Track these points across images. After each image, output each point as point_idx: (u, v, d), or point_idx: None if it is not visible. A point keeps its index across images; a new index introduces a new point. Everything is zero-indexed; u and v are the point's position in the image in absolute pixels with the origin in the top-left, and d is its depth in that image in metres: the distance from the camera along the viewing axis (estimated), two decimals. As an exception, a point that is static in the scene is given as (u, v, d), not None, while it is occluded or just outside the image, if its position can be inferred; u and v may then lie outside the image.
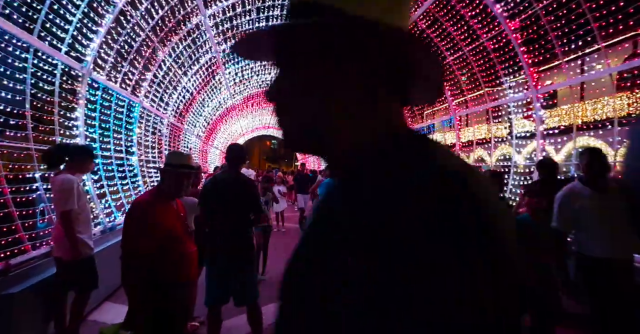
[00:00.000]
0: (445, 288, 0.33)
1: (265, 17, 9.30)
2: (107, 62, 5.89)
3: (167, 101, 9.70)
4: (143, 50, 6.86)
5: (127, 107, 7.35)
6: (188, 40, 8.34)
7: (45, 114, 4.58)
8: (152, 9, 6.17)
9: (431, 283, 0.34)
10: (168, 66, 8.59)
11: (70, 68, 4.98)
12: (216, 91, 13.33)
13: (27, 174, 4.10)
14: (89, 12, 4.81)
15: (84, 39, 5.02)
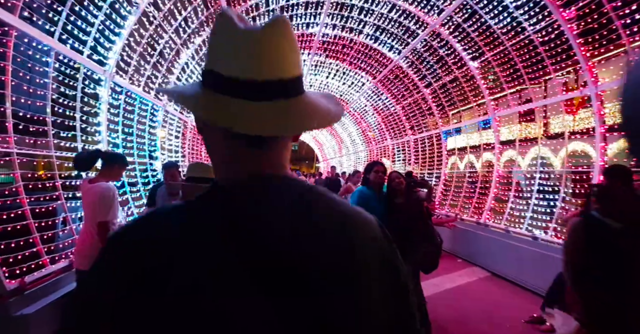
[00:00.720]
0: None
1: (288, 16, 8.98)
2: (130, 65, 5.69)
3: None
4: (166, 52, 6.65)
5: (151, 111, 7.18)
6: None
7: (67, 120, 4.38)
8: (175, 9, 5.94)
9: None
10: (191, 69, 8.40)
11: (92, 72, 4.79)
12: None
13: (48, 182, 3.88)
14: (111, 14, 4.60)
15: (106, 42, 4.82)
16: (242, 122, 0.59)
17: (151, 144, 7.42)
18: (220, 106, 0.61)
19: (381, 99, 13.56)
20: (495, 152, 8.00)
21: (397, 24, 8.67)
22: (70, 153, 4.39)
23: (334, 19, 9.35)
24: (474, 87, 8.22)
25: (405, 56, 9.87)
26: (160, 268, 0.54)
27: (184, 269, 0.54)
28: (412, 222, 4.18)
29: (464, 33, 7.36)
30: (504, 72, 7.07)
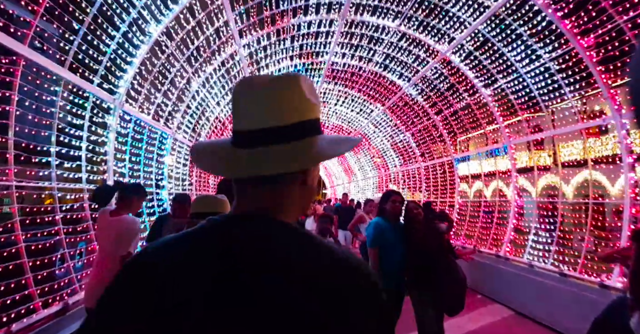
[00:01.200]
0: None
1: (299, 45, 9.06)
2: (140, 94, 5.64)
3: (199, 131, 9.48)
4: (177, 80, 6.63)
5: (159, 139, 7.09)
6: (222, 70, 8.14)
7: (72, 150, 4.24)
8: (188, 39, 5.96)
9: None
10: (202, 96, 8.40)
11: (101, 100, 4.71)
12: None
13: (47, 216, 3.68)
14: (123, 43, 4.57)
15: (118, 70, 4.77)
16: (215, 167, 0.78)
17: (158, 172, 7.28)
18: (214, 154, 0.78)
19: (390, 126, 13.48)
20: (512, 181, 7.71)
21: (407, 52, 8.68)
22: (73, 184, 4.22)
23: (344, 47, 9.40)
24: (487, 115, 8.06)
25: (414, 83, 9.83)
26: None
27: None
28: (433, 258, 3.89)
29: (475, 61, 7.28)
30: (519, 99, 6.92)
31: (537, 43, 5.75)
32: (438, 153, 11.38)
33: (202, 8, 5.58)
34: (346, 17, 7.59)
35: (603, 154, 14.75)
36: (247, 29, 7.04)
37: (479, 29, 6.48)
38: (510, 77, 6.71)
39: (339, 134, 1.79)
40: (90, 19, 3.76)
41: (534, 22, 5.45)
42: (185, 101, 7.51)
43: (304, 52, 9.51)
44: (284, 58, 9.65)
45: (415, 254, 3.89)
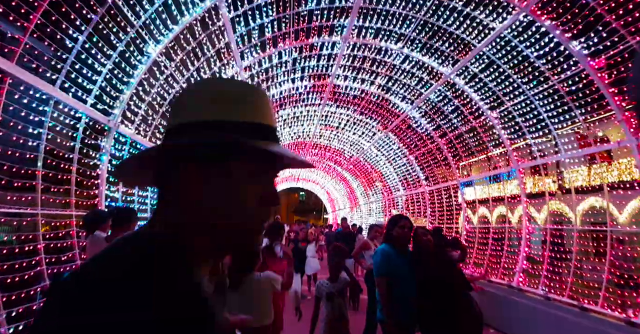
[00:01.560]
0: None
1: (300, 68, 9.03)
2: (137, 115, 5.47)
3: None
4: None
5: (156, 162, 6.87)
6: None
7: (61, 173, 4.01)
8: (188, 60, 5.86)
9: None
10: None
11: (95, 121, 4.52)
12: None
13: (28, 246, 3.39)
14: (120, 63, 4.44)
15: (113, 91, 4.61)
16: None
17: (155, 197, 7.01)
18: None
19: (393, 149, 13.31)
20: (522, 207, 7.40)
21: (410, 74, 8.61)
22: (60, 210, 3.96)
23: (346, 70, 9.37)
24: (493, 138, 7.88)
25: (418, 106, 9.72)
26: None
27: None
28: (447, 292, 3.56)
29: (480, 83, 7.17)
30: (526, 122, 6.74)
31: (544, 65, 5.63)
32: (443, 177, 11.14)
33: (203, 29, 5.51)
34: (349, 40, 7.56)
35: (609, 180, 14.48)
36: (248, 50, 6.98)
37: (483, 51, 6.39)
38: (517, 99, 6.56)
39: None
40: (85, 37, 3.63)
41: (541, 44, 5.34)
42: (184, 123, 7.35)
43: (306, 74, 9.47)
44: (286, 81, 9.60)
45: (426, 288, 3.57)
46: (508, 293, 7.01)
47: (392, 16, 6.68)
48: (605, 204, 8.30)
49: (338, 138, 15.52)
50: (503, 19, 5.49)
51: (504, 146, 7.55)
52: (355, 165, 17.66)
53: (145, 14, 4.27)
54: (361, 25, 7.03)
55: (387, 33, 7.22)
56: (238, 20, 5.96)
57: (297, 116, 12.73)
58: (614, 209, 13.81)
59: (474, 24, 6.03)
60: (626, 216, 12.13)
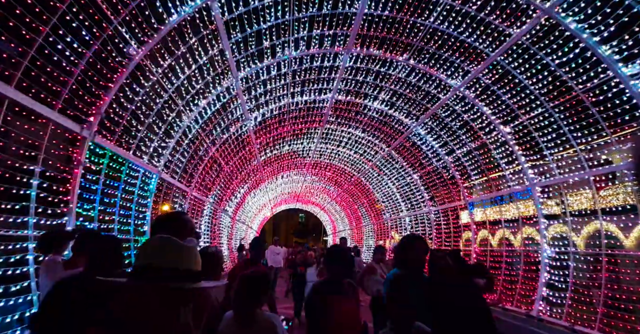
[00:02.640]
0: None
1: (300, 81, 8.60)
2: (119, 125, 4.93)
3: (191, 172, 8.71)
4: (165, 112, 5.97)
5: (142, 178, 6.28)
6: (217, 105, 7.55)
7: (17, 187, 3.42)
8: (178, 66, 5.39)
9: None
10: (194, 133, 7.74)
11: (67, 130, 3.97)
12: (246, 161, 12.46)
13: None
14: (95, 63, 3.93)
15: (88, 95, 4.08)
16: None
17: (139, 216, 6.38)
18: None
19: (396, 168, 12.76)
20: (540, 228, 6.76)
21: (416, 88, 8.17)
22: (13, 231, 3.34)
23: (348, 84, 8.94)
24: (506, 154, 7.34)
25: (423, 122, 9.25)
26: None
27: None
28: (472, 324, 2.92)
29: (493, 95, 6.70)
30: (544, 136, 6.22)
31: (567, 73, 5.16)
32: (449, 197, 10.52)
33: (194, 32, 5.06)
34: (352, 50, 7.15)
35: (614, 203, 13.75)
36: (244, 60, 6.53)
37: (497, 60, 5.95)
38: (534, 112, 6.06)
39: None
40: (49, 29, 3.13)
41: (564, 50, 4.88)
42: (174, 136, 6.82)
43: (307, 89, 9.04)
44: (285, 95, 9.17)
45: (448, 319, 2.91)
46: (526, 323, 6.28)
47: (399, 24, 6.28)
48: (611, 228, 7.68)
49: (339, 157, 15.01)
50: (522, 23, 5.07)
51: (518, 163, 6.99)
52: (357, 185, 17.07)
53: (125, 8, 3.80)
54: (365, 34, 6.63)
55: (392, 43, 6.81)
56: (233, 25, 5.53)
57: (296, 133, 12.26)
58: (619, 232, 13.13)
59: (488, 31, 5.60)
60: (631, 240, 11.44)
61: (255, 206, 20.87)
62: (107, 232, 5.16)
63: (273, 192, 20.87)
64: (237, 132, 9.91)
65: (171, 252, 1.19)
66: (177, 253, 1.19)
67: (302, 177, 18.91)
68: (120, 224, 5.62)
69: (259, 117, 9.91)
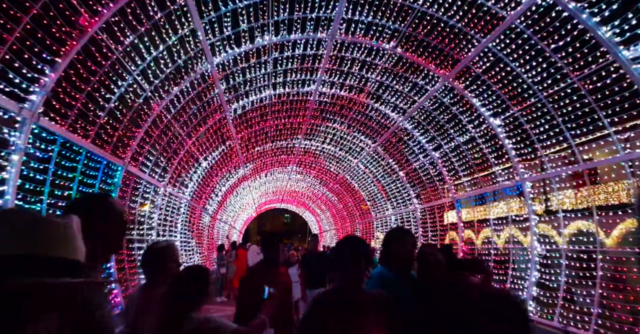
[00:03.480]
0: None
1: (282, 71, 8.13)
2: (73, 108, 4.38)
3: (164, 166, 8.14)
4: (129, 98, 5.43)
5: (105, 171, 5.71)
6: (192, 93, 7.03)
7: None
8: (141, 44, 4.86)
9: None
10: (167, 124, 7.19)
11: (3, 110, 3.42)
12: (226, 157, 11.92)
13: None
14: (34, 30, 3.38)
15: (29, 69, 3.54)
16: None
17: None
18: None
19: (382, 165, 12.41)
20: (531, 225, 6.46)
21: (403, 79, 7.81)
22: None
23: (332, 75, 8.53)
24: (496, 148, 7.04)
25: (410, 116, 8.91)
26: None
27: None
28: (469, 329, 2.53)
29: (483, 86, 6.39)
30: (535, 129, 5.93)
31: (562, 59, 4.85)
32: (436, 194, 10.21)
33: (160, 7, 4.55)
34: (336, 37, 6.73)
35: (597, 203, 13.56)
36: (220, 43, 6.04)
37: (489, 47, 5.62)
38: (527, 102, 5.75)
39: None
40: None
41: (561, 33, 4.56)
42: (143, 126, 6.27)
43: (289, 80, 8.58)
44: (266, 86, 8.69)
45: (441, 325, 2.52)
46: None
47: (386, 7, 5.89)
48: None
49: (324, 154, 14.58)
50: (517, 4, 4.73)
51: (508, 158, 6.69)
52: (342, 184, 16.69)
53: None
54: (350, 18, 6.21)
55: (379, 29, 6.42)
56: (205, 1, 5.04)
57: (279, 128, 11.78)
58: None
59: (480, 14, 5.26)
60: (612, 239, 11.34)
61: (238, 205, 20.27)
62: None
63: (257, 190, 20.32)
64: (215, 125, 9.38)
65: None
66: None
67: (287, 175, 18.44)
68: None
69: (238, 110, 9.41)
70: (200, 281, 1.95)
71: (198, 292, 1.91)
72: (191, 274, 2.03)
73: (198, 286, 1.92)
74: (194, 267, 2.13)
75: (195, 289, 1.90)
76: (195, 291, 1.89)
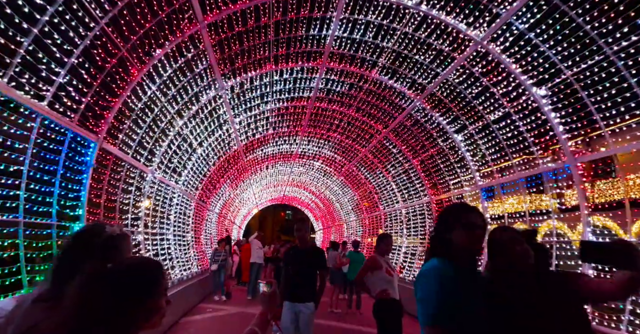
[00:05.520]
0: None
1: (286, 38, 7.10)
2: (15, 56, 3.35)
3: (150, 148, 7.13)
4: (101, 58, 4.40)
5: (71, 145, 4.70)
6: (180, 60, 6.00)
7: None
8: None
9: None
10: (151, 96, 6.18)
11: None
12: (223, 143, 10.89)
13: None
14: None
15: None
16: None
17: (67, 195, 4.78)
18: None
19: (392, 153, 11.37)
20: (582, 213, 5.42)
21: (425, 47, 6.75)
22: None
23: (342, 45, 7.47)
24: (537, 125, 5.99)
25: (430, 94, 7.88)
26: None
27: None
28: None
29: (528, 46, 5.33)
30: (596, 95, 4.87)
31: None
32: (457, 184, 9.17)
33: None
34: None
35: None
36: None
37: None
38: (587, 62, 4.69)
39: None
40: None
41: None
42: (120, 95, 5.25)
43: (292, 52, 7.54)
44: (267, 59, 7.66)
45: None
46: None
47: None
48: (609, 223, 6.42)
49: (329, 144, 13.55)
50: None
51: (554, 134, 5.64)
52: (347, 176, 15.65)
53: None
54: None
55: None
56: None
57: (281, 112, 10.75)
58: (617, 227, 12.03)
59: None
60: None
61: (238, 200, 19.28)
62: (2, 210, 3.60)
63: (258, 184, 19.32)
64: (210, 104, 8.36)
65: None
66: None
67: (289, 168, 17.44)
68: (31, 202, 4.05)
69: (236, 87, 8.39)
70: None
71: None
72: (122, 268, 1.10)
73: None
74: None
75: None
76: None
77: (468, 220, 1.81)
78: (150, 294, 1.11)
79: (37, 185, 4.19)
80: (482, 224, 1.82)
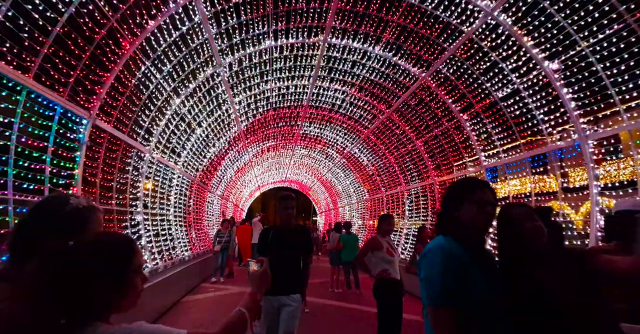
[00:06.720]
0: None
1: (285, 12, 6.79)
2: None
3: (147, 127, 6.95)
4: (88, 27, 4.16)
5: (61, 122, 4.52)
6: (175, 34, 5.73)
7: None
8: None
9: None
10: (146, 72, 5.94)
11: None
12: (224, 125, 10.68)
13: None
14: None
15: None
16: None
17: (60, 173, 4.64)
18: None
19: (396, 135, 11.14)
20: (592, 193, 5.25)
21: (432, 20, 6.43)
22: None
23: (344, 19, 7.15)
24: (547, 101, 5.74)
25: (436, 71, 7.59)
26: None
27: None
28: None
29: (542, 16, 5.03)
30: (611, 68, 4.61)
31: None
32: (461, 165, 8.98)
33: None
34: None
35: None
36: None
37: None
38: (605, 31, 4.41)
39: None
40: None
41: None
42: (112, 69, 5.03)
43: (292, 27, 7.23)
44: (265, 34, 7.36)
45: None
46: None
47: None
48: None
49: (331, 125, 13.31)
50: None
51: (564, 111, 5.41)
52: (349, 159, 15.46)
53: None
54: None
55: None
56: None
57: (282, 92, 10.47)
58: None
59: None
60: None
61: (239, 182, 19.19)
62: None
63: (259, 167, 19.19)
64: (208, 82, 8.12)
65: None
66: None
67: (291, 151, 17.25)
68: (20, 178, 3.91)
69: (234, 65, 8.12)
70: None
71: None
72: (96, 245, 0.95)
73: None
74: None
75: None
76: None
77: (479, 196, 1.66)
78: (119, 274, 0.97)
79: (26, 162, 4.04)
80: (493, 201, 1.67)
